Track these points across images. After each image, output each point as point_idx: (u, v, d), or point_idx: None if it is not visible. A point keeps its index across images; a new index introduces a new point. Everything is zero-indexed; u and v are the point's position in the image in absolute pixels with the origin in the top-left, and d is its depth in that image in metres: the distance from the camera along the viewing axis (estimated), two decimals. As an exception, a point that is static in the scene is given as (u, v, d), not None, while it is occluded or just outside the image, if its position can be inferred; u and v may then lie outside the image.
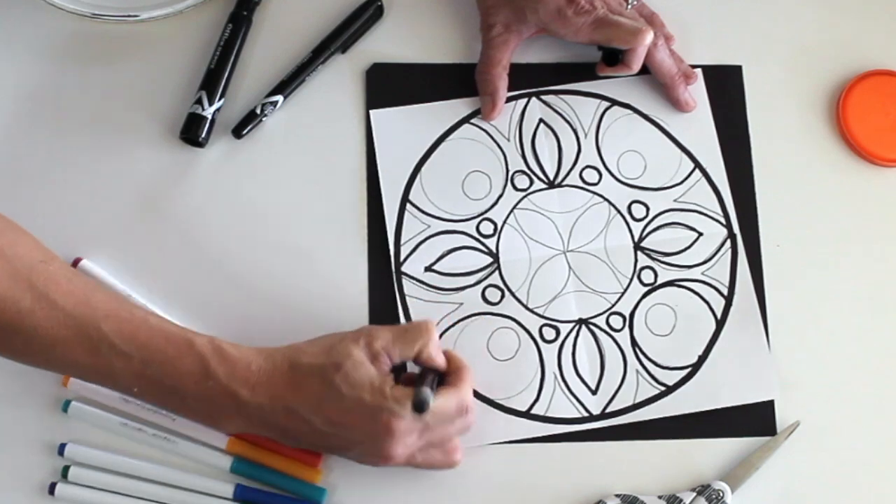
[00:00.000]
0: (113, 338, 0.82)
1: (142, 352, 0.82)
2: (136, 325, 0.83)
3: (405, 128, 0.98)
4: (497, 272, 0.95)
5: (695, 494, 0.89)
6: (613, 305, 0.94)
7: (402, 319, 0.93)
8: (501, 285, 0.95)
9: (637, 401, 0.92)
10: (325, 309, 0.93)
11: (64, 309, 0.81)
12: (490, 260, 0.95)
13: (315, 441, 0.85)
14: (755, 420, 0.92)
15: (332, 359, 0.84)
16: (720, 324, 0.94)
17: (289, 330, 0.92)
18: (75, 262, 0.93)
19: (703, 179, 0.98)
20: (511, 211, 0.97)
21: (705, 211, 0.97)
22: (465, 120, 0.99)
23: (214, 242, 0.95)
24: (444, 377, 0.87)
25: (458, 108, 0.99)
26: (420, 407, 0.81)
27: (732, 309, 0.94)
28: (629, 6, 0.99)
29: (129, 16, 1.00)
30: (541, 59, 1.01)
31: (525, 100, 1.00)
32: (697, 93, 1.00)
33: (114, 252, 0.94)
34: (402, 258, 0.95)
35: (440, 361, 0.87)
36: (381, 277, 0.94)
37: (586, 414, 0.91)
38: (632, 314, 0.94)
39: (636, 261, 0.96)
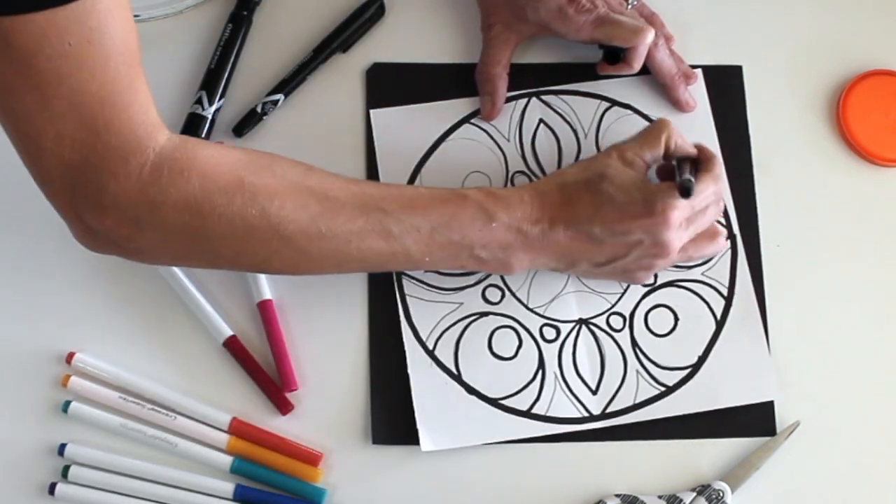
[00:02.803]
0: (399, 215, 0.85)
1: (428, 219, 0.86)
2: (410, 197, 0.86)
3: (405, 128, 0.98)
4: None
5: (695, 494, 0.89)
6: (614, 306, 0.94)
7: (403, 320, 0.93)
8: (501, 285, 0.94)
9: (637, 401, 0.92)
10: (324, 309, 0.93)
11: (347, 203, 0.84)
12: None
13: (595, 256, 0.89)
14: (755, 420, 0.92)
15: (594, 171, 0.89)
16: (720, 324, 0.94)
17: (288, 330, 0.92)
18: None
19: (704, 179, 0.98)
20: (511, 211, 0.97)
21: (705, 211, 0.97)
22: (465, 120, 0.99)
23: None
24: (698, 165, 0.91)
25: (458, 108, 0.99)
26: (686, 191, 0.85)
27: (732, 309, 0.94)
28: (629, 6, 0.99)
29: (129, 16, 1.00)
30: (541, 59, 1.01)
31: (525, 100, 1.00)
32: (697, 93, 1.00)
33: (114, 252, 0.94)
34: (402, 258, 0.95)
35: (690, 148, 0.91)
36: (381, 277, 0.94)
37: (587, 414, 0.91)
38: (632, 314, 0.94)
39: (636, 261, 0.96)
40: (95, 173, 0.77)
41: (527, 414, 0.91)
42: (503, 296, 0.94)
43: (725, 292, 0.95)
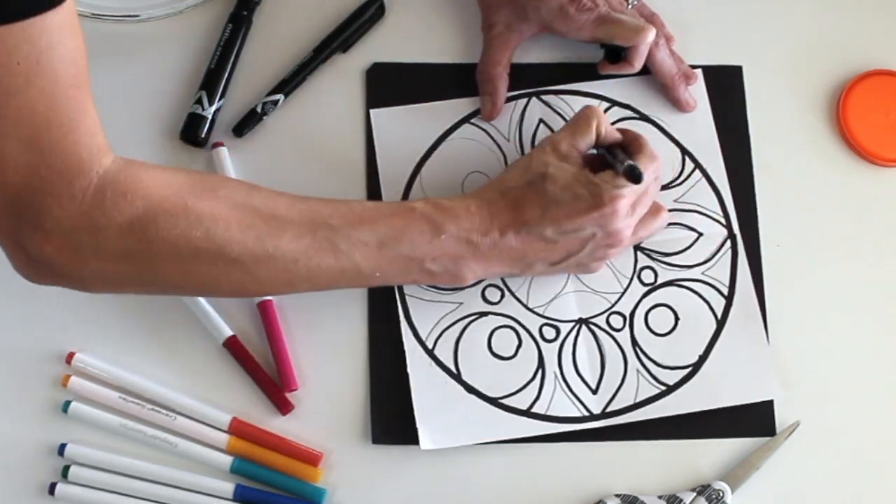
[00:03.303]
0: (347, 231, 0.85)
1: (376, 234, 0.85)
2: (356, 212, 0.86)
3: (405, 127, 0.98)
4: (497, 272, 0.95)
5: (695, 494, 0.89)
6: (613, 305, 0.94)
7: (402, 319, 0.93)
8: (501, 285, 0.94)
9: (638, 400, 0.92)
10: (324, 309, 0.93)
11: (293, 220, 0.84)
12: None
13: (550, 255, 0.89)
14: (755, 420, 0.92)
15: (534, 172, 0.89)
16: (720, 323, 0.94)
17: (287, 330, 0.92)
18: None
19: (703, 179, 0.98)
20: (511, 211, 0.97)
21: (705, 211, 0.97)
22: (465, 120, 0.99)
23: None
24: (626, 149, 0.92)
25: (458, 108, 0.99)
26: (638, 177, 0.86)
27: (733, 309, 0.94)
28: (630, 6, 0.98)
29: (129, 16, 1.00)
30: (541, 59, 1.01)
31: (525, 100, 1.00)
32: (698, 93, 1.00)
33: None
34: (402, 258, 0.95)
35: (615, 133, 0.92)
36: (381, 277, 0.94)
37: (587, 413, 0.91)
38: (632, 314, 0.94)
39: (636, 261, 0.96)
40: (38, 196, 0.75)
41: (527, 413, 0.91)
42: (503, 296, 0.94)
43: (726, 292, 0.95)
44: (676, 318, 0.94)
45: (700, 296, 0.95)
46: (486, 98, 0.99)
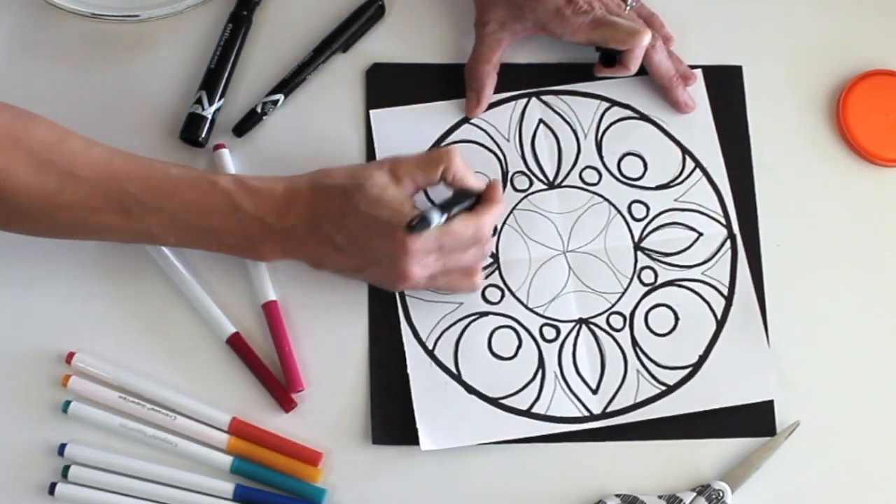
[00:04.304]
0: (141, 196, 0.86)
1: (170, 203, 0.87)
2: (158, 179, 0.87)
3: (405, 128, 0.98)
4: (497, 272, 0.95)
5: (695, 494, 0.89)
6: (614, 305, 0.94)
7: (402, 320, 0.93)
8: (501, 285, 0.95)
9: (638, 400, 0.92)
10: (324, 309, 0.93)
11: (89, 180, 0.85)
12: (490, 260, 0.95)
13: (338, 262, 0.89)
14: (755, 420, 0.92)
15: (355, 180, 0.87)
16: (720, 324, 0.94)
17: (289, 330, 0.92)
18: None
19: (704, 179, 0.98)
20: (511, 212, 0.97)
21: (705, 211, 0.97)
22: (465, 120, 0.99)
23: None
24: (477, 202, 0.90)
25: (458, 108, 0.99)
26: (409, 227, 0.83)
27: (733, 309, 0.94)
28: (628, 7, 0.98)
29: (129, 16, 1.00)
30: (540, 59, 1.01)
31: (525, 100, 1.00)
32: (697, 93, 1.00)
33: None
34: (402, 258, 0.95)
35: (471, 183, 0.90)
36: (382, 277, 0.94)
37: (587, 413, 0.91)
38: (632, 314, 0.94)
39: (636, 261, 0.96)
40: None
41: (527, 413, 0.91)
42: (503, 296, 0.94)
43: (726, 292, 0.95)
44: (676, 319, 0.94)
45: (700, 296, 0.95)
46: (472, 95, 0.99)
